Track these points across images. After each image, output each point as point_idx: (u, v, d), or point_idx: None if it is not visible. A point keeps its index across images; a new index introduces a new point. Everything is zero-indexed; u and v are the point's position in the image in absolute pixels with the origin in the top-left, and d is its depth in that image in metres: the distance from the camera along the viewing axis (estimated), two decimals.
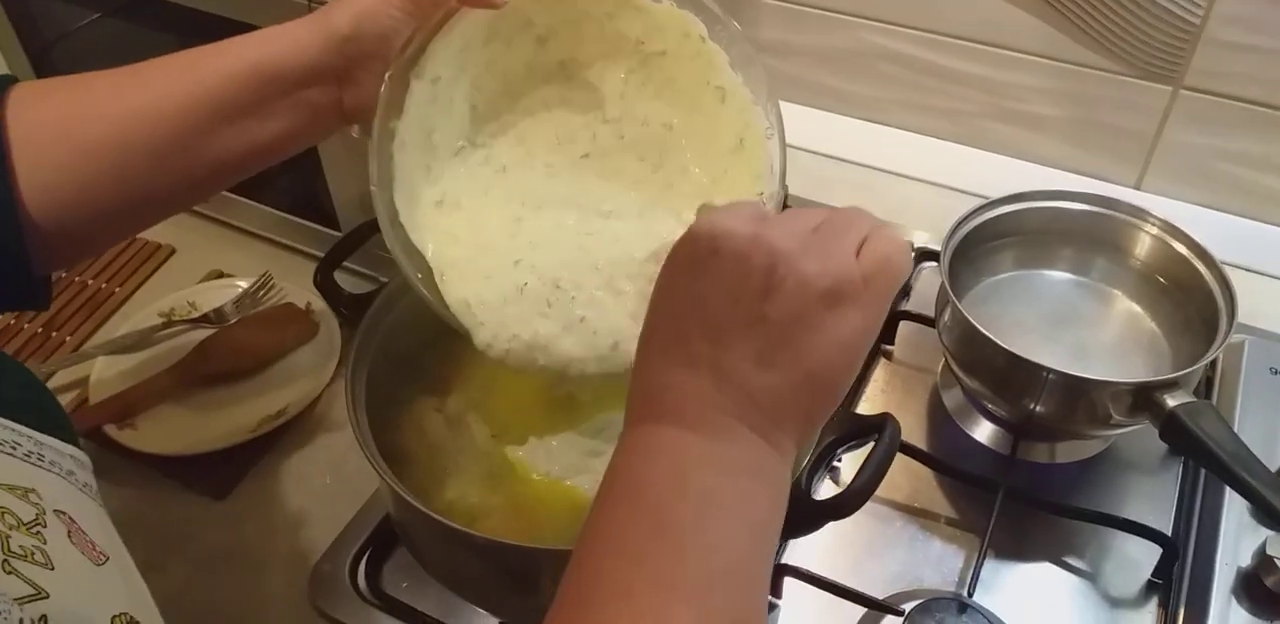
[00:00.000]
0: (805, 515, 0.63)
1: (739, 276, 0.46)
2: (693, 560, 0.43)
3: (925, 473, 0.84)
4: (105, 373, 0.93)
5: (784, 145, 0.62)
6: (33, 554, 0.43)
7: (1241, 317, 0.77)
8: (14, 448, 0.48)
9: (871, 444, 0.65)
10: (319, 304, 0.96)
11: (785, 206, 0.63)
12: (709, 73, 0.61)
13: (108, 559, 0.49)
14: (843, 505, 0.61)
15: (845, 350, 0.46)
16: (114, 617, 0.46)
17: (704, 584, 0.43)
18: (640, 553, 0.43)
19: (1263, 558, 0.73)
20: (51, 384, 0.94)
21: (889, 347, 0.94)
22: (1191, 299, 0.82)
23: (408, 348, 0.79)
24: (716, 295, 0.46)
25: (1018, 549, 0.79)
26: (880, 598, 0.74)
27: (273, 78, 0.59)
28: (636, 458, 0.46)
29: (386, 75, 0.59)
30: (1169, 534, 0.78)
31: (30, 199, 0.57)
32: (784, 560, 0.77)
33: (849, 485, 0.61)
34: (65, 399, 0.93)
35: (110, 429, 0.87)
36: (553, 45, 0.64)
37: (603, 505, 0.46)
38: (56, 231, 0.59)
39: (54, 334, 0.99)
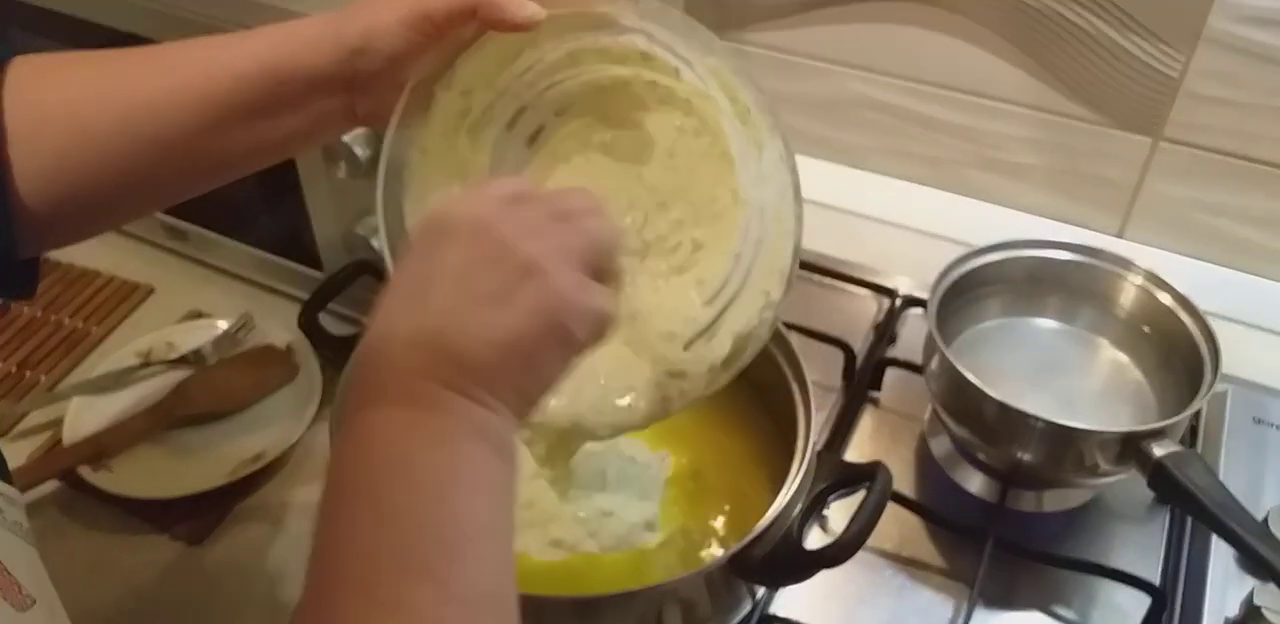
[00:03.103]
0: (797, 564, 0.63)
1: (457, 254, 0.47)
2: (428, 538, 0.42)
3: (913, 521, 0.83)
4: (80, 414, 0.91)
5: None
6: None
7: (1224, 366, 0.78)
8: None
9: (862, 492, 0.65)
10: (300, 346, 0.95)
11: None
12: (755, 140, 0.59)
13: (34, 603, 0.47)
14: (836, 555, 0.60)
15: (547, 320, 0.47)
16: None
17: (444, 558, 0.42)
18: (372, 543, 0.42)
19: (1250, 607, 0.73)
20: (24, 424, 0.92)
21: (875, 393, 0.94)
22: (1176, 349, 0.83)
23: None
24: (435, 271, 0.47)
25: (1006, 598, 0.79)
26: None
27: (285, 81, 0.58)
28: (353, 446, 0.45)
29: (407, 87, 0.58)
30: (1157, 584, 0.78)
31: (25, 184, 0.56)
32: (772, 611, 0.76)
33: (841, 534, 0.61)
34: (38, 440, 0.91)
35: (85, 471, 0.85)
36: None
37: (328, 502, 0.44)
38: (50, 217, 0.57)
39: (28, 373, 0.97)
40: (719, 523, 0.73)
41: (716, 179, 0.59)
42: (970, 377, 0.77)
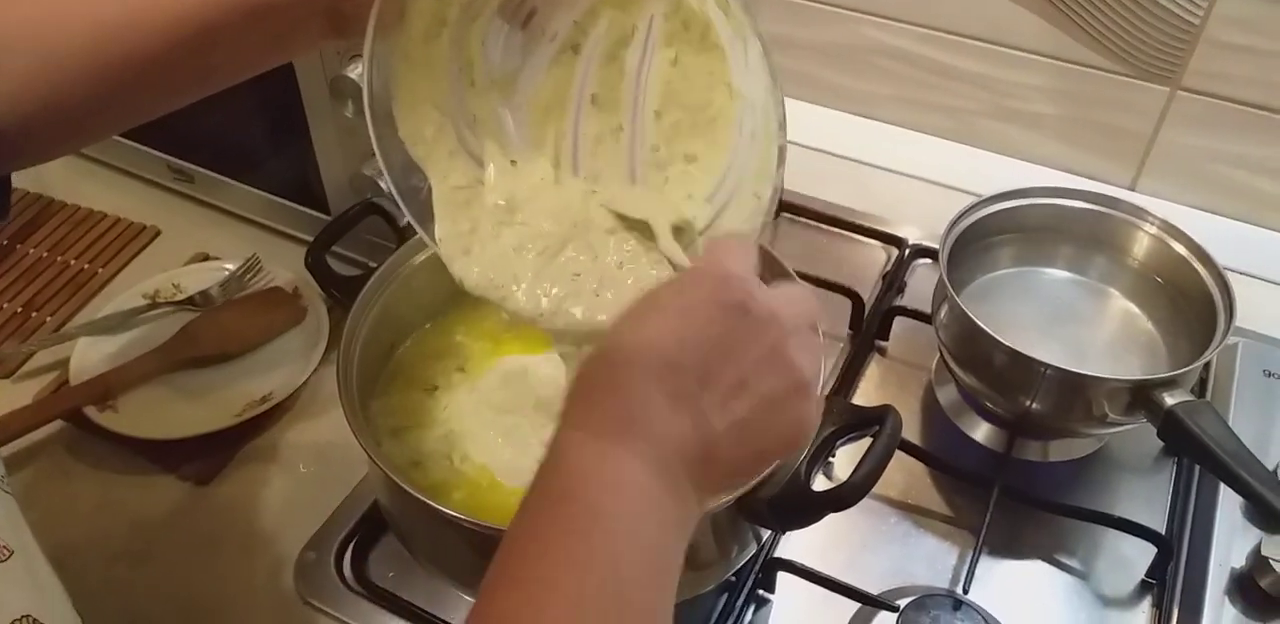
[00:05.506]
0: (805, 506, 0.63)
1: (748, 341, 0.47)
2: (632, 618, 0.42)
3: (919, 469, 0.83)
4: (87, 354, 0.91)
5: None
6: None
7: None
8: None
9: (869, 438, 0.65)
10: (307, 288, 0.95)
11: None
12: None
13: (11, 554, 0.47)
14: (844, 497, 0.60)
15: (793, 440, 0.50)
16: (14, 621, 0.45)
17: None
18: (582, 599, 0.41)
19: (1257, 559, 0.73)
20: (31, 364, 0.92)
21: (883, 343, 0.94)
22: (1188, 299, 0.82)
23: (399, 331, 0.79)
24: (722, 349, 0.47)
25: (1011, 547, 0.79)
26: (874, 594, 0.73)
27: (258, 3, 0.56)
28: (596, 486, 0.44)
29: None
30: (1163, 534, 0.78)
31: None
32: (778, 554, 0.77)
33: (851, 476, 0.60)
34: (45, 380, 0.91)
35: (91, 411, 0.85)
36: None
37: (547, 526, 0.44)
38: (19, 135, 0.56)
39: (34, 314, 0.97)
40: None
41: (710, 78, 0.58)
42: (981, 324, 0.76)
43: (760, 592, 0.76)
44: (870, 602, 0.73)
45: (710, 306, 0.47)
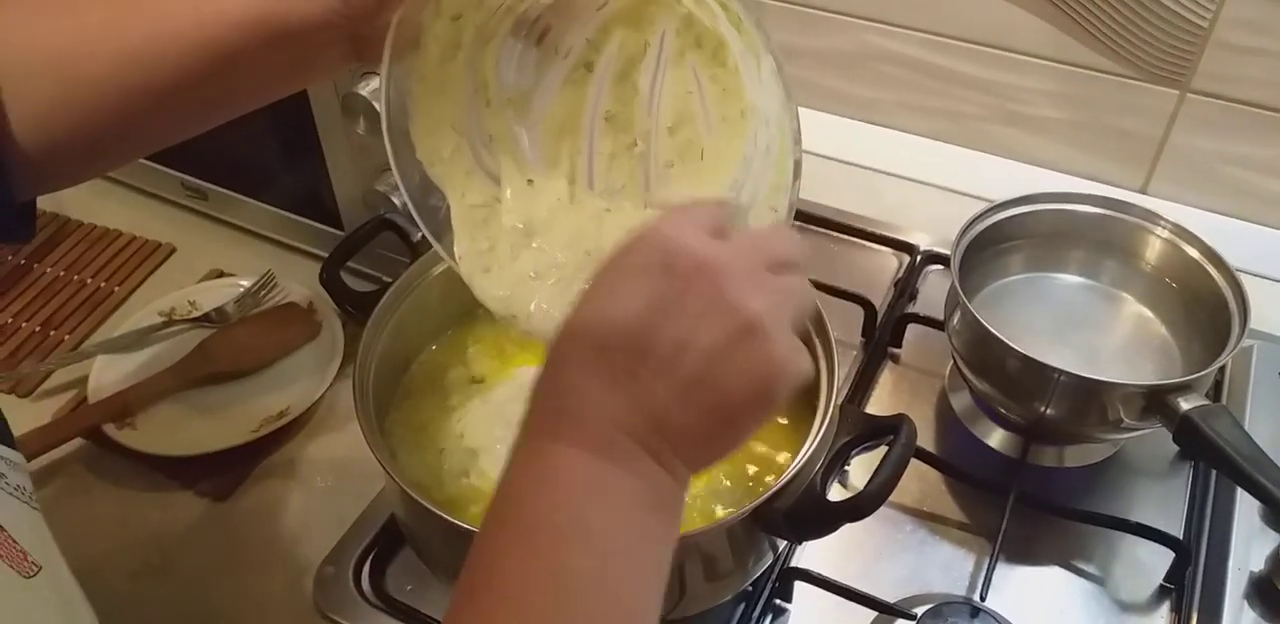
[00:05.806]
0: (821, 517, 0.63)
1: (678, 299, 0.45)
2: (590, 613, 0.42)
3: (934, 476, 0.83)
4: (104, 372, 0.91)
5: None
6: None
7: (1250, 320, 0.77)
8: None
9: (883, 447, 0.65)
10: (321, 304, 0.95)
11: None
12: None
13: (40, 570, 0.47)
14: (860, 507, 0.60)
15: (758, 387, 0.45)
16: None
17: None
18: (531, 604, 0.42)
19: (1276, 563, 0.73)
20: (49, 383, 0.93)
21: (896, 350, 0.94)
22: (1202, 302, 0.82)
23: (413, 345, 0.79)
24: (652, 315, 0.45)
25: (1028, 553, 0.79)
26: (891, 602, 0.73)
27: (279, 30, 0.56)
28: (532, 483, 0.45)
29: (394, 20, 0.57)
30: (1180, 538, 0.77)
31: (20, 130, 0.55)
32: (794, 564, 0.77)
33: (866, 486, 0.60)
34: (63, 398, 0.92)
35: (109, 428, 0.86)
36: None
37: (495, 534, 0.44)
38: (45, 161, 0.56)
39: (52, 333, 0.98)
40: (741, 479, 0.73)
41: (722, 94, 0.58)
42: (994, 330, 0.76)
43: (777, 601, 0.76)
44: (887, 610, 0.73)
45: (634, 275, 0.46)
